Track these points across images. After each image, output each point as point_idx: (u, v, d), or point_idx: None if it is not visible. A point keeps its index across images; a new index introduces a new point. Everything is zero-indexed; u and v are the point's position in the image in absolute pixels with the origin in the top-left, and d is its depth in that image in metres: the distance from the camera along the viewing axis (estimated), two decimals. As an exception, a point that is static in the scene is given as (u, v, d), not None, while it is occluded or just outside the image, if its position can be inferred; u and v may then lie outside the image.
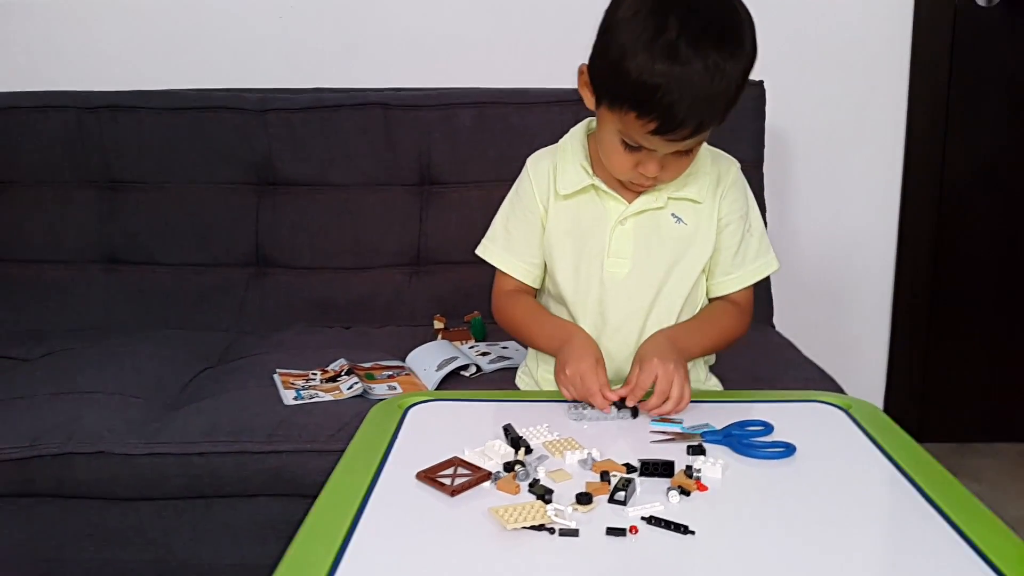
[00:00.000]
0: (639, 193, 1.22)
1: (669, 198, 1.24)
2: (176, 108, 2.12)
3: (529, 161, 1.33)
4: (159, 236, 2.11)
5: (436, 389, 1.59)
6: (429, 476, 0.95)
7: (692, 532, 0.84)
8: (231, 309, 2.06)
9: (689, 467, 0.95)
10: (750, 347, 1.74)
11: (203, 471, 1.41)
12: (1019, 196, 2.35)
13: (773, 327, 2.02)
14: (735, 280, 1.29)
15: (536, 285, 1.35)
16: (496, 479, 0.94)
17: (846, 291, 2.41)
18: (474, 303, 1.93)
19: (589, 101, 1.16)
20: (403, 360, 1.73)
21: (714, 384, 1.39)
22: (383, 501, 0.92)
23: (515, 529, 0.84)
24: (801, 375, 1.62)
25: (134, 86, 2.21)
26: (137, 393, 1.60)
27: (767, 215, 2.13)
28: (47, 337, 1.93)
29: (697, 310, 1.29)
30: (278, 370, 1.66)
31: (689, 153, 1.14)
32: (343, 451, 1.05)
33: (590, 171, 1.24)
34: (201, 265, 2.11)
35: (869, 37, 2.27)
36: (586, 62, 1.15)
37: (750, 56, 1.05)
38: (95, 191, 2.13)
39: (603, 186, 1.23)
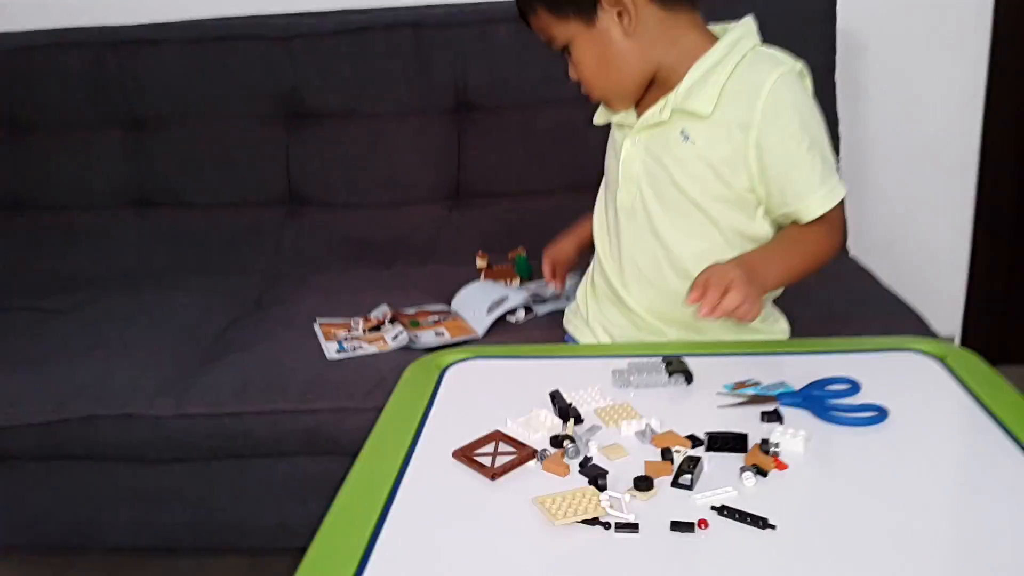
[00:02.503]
0: (643, 110, 1.13)
1: (674, 110, 1.09)
2: (197, 39, 2.00)
3: None
4: (188, 176, 2.03)
5: (484, 336, 1.48)
6: (467, 455, 0.85)
7: (772, 526, 0.71)
8: (266, 250, 1.98)
9: (765, 441, 0.83)
10: (822, 276, 1.59)
11: (235, 432, 1.34)
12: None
13: (847, 252, 1.85)
14: (816, 202, 1.08)
15: None
16: (542, 458, 0.83)
17: (924, 205, 2.21)
18: (518, 238, 1.80)
19: None
20: (448, 304, 1.62)
21: (782, 327, 1.24)
22: (417, 484, 0.82)
23: (565, 524, 0.73)
24: (882, 309, 1.46)
25: (153, 17, 2.08)
26: (168, 347, 1.53)
27: (839, 126, 1.93)
28: (79, 286, 1.87)
29: (735, 247, 1.13)
30: (318, 319, 1.57)
31: (570, 52, 1.11)
32: (379, 411, 0.95)
33: None
34: (233, 205, 2.02)
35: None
36: None
37: None
38: (120, 131, 2.04)
39: (617, 118, 1.16)
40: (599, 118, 1.22)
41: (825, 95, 1.86)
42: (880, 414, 0.88)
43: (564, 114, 1.86)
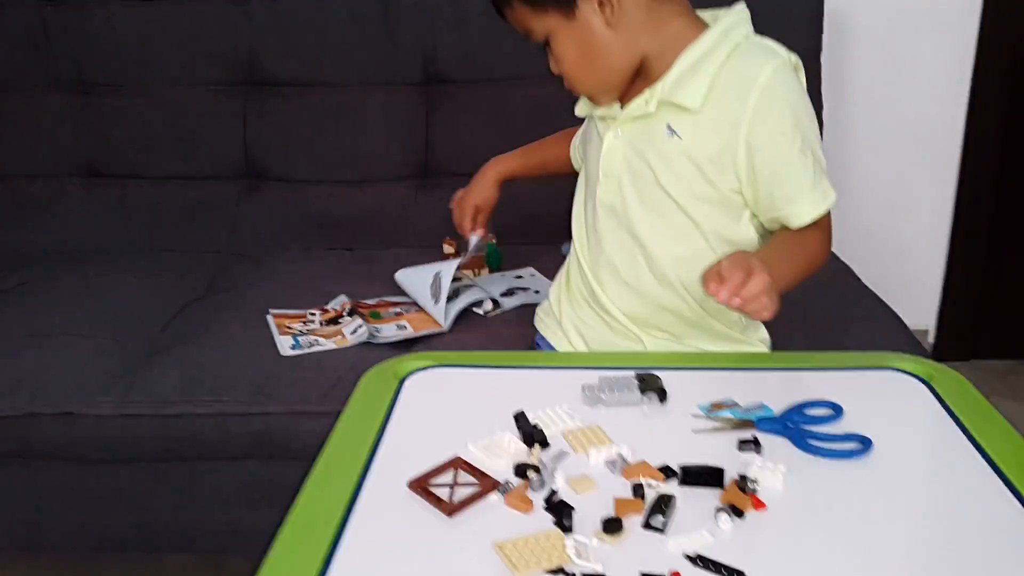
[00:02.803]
0: (628, 100, 1.05)
1: (660, 102, 1.01)
2: (149, -1, 1.87)
3: None
4: (140, 146, 1.93)
5: (449, 329, 1.42)
6: (423, 486, 0.78)
7: (750, 580, 0.66)
8: (222, 227, 1.89)
9: (743, 476, 0.77)
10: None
11: (181, 434, 1.27)
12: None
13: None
14: (806, 207, 1.01)
15: None
16: (505, 491, 0.77)
17: (904, 194, 2.17)
18: (490, 223, 1.72)
19: None
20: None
21: (761, 337, 1.19)
22: (368, 517, 0.75)
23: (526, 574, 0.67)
24: (862, 312, 1.42)
25: (100, -28, 1.95)
26: (113, 336, 1.44)
27: (822, 113, 1.87)
28: (22, 262, 1.77)
29: (718, 253, 1.05)
30: (271, 311, 1.48)
31: (550, 46, 1.04)
32: (334, 416, 0.89)
33: None
34: (188, 178, 1.93)
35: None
36: None
37: None
38: (66, 95, 1.93)
39: (600, 112, 1.09)
40: (581, 109, 1.14)
41: (811, 79, 1.79)
42: (862, 446, 0.82)
43: (540, 90, 1.77)
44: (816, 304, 1.42)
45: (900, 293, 1.75)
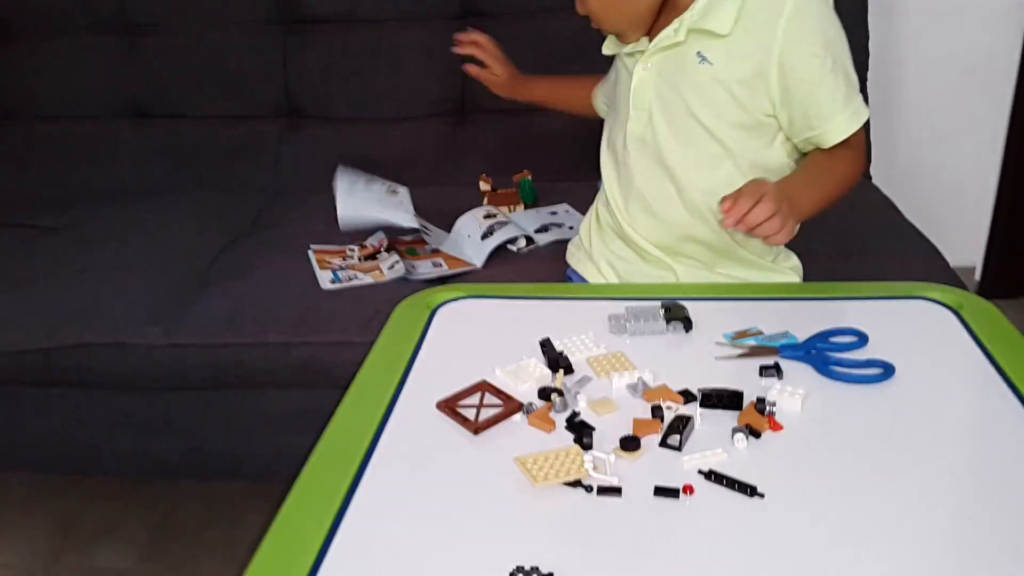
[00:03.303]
0: (655, 34, 1.05)
1: (689, 30, 1.02)
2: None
3: None
4: (184, 86, 1.96)
5: (483, 266, 1.44)
6: (451, 407, 0.82)
7: (761, 495, 0.68)
8: (265, 166, 1.92)
9: (761, 399, 0.79)
10: (840, 206, 1.53)
11: (227, 362, 1.32)
12: None
13: (869, 178, 1.76)
14: (840, 125, 1.02)
15: None
16: (528, 412, 0.80)
17: (953, 130, 2.10)
18: (524, 160, 1.73)
19: None
20: (448, 231, 1.57)
21: (793, 264, 1.19)
22: (398, 435, 0.79)
23: (546, 486, 0.70)
24: (900, 245, 1.40)
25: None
26: (161, 271, 1.50)
27: (869, 41, 1.81)
28: (72, 201, 1.83)
29: (749, 175, 1.05)
30: (312, 247, 1.52)
31: None
32: (370, 347, 0.93)
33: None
34: (230, 117, 1.96)
35: None
36: None
37: None
38: (111, 38, 1.96)
39: (628, 49, 1.09)
40: (608, 47, 1.14)
41: (857, 7, 1.74)
42: (885, 371, 0.83)
43: (578, 21, 1.74)
44: (851, 237, 1.41)
45: (947, 229, 1.71)
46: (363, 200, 1.45)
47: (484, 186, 1.71)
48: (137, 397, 1.40)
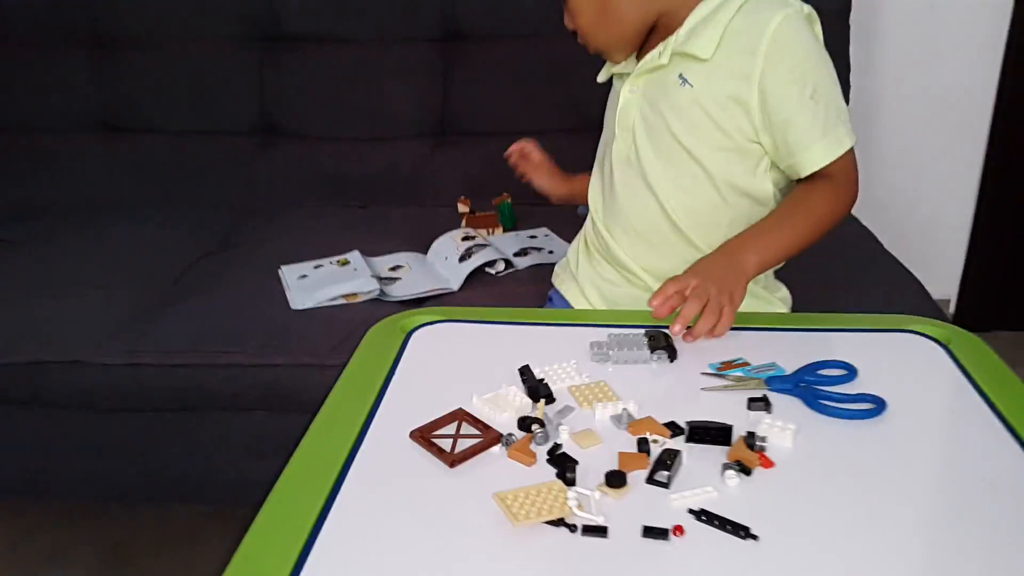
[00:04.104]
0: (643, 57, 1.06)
1: (673, 53, 1.02)
2: (166, -50, 1.85)
3: None
4: (156, 100, 1.91)
5: (460, 289, 1.40)
6: (426, 437, 0.77)
7: (755, 536, 0.65)
8: (236, 183, 1.88)
9: (751, 434, 0.75)
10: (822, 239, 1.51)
11: (188, 384, 1.27)
12: None
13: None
14: (818, 153, 1.01)
15: None
16: (508, 443, 0.76)
17: (931, 162, 2.11)
18: (504, 183, 1.69)
19: None
20: (424, 253, 1.53)
21: (782, 296, 1.17)
22: (369, 465, 0.75)
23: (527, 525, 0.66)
24: (882, 277, 1.39)
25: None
26: (124, 287, 1.44)
27: (850, 74, 1.82)
28: (39, 213, 1.78)
29: (730, 204, 1.06)
30: (283, 266, 1.48)
31: (566, 1, 1.06)
32: (343, 369, 0.89)
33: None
34: (203, 132, 1.91)
35: None
36: None
37: None
38: (84, 50, 1.92)
39: (617, 69, 1.11)
40: (603, 75, 1.16)
41: (839, 39, 1.75)
42: (876, 407, 0.80)
43: (561, 47, 1.70)
44: (836, 268, 1.39)
45: (923, 261, 1.71)
46: (314, 285, 1.39)
47: (463, 208, 1.67)
48: (93, 418, 1.34)
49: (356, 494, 0.71)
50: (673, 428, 0.78)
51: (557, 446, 0.76)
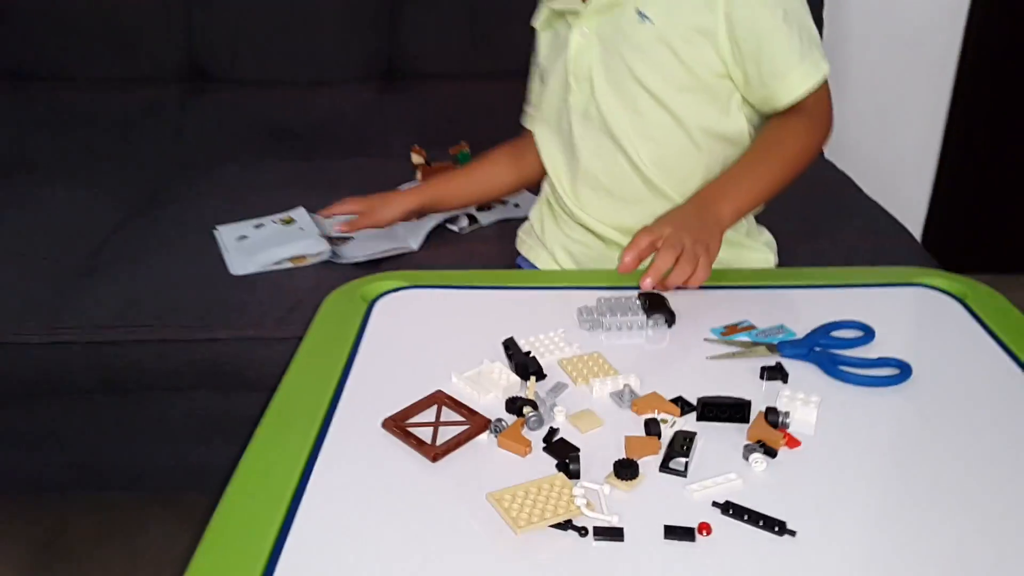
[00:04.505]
0: None
1: None
2: None
3: None
4: (71, 45, 1.72)
5: (420, 248, 1.28)
6: (401, 426, 0.67)
7: (791, 532, 0.56)
8: (163, 136, 1.71)
9: (772, 409, 0.67)
10: (800, 184, 1.43)
11: (118, 363, 1.13)
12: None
13: (822, 154, 1.68)
14: (796, 80, 0.93)
15: None
16: (497, 430, 0.66)
17: (896, 103, 2.05)
18: (460, 131, 1.58)
19: None
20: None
21: (766, 240, 1.09)
22: (336, 465, 0.64)
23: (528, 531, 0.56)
24: (870, 226, 1.32)
25: None
26: (42, 256, 1.28)
27: (822, 11, 1.73)
28: (-62, 176, 1.58)
29: (704, 149, 0.98)
30: (218, 227, 1.33)
31: None
32: (293, 342, 0.78)
33: None
34: (125, 80, 1.74)
35: None
36: None
37: None
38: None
39: (559, 4, 1.00)
40: (541, 19, 1.05)
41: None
42: (901, 372, 0.73)
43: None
44: (818, 215, 1.32)
45: (889, 202, 1.66)
46: (256, 247, 1.25)
47: (417, 159, 1.55)
48: (14, 405, 1.19)
49: (322, 501, 0.60)
50: (682, 405, 0.69)
51: (553, 431, 0.66)
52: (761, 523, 0.57)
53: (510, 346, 0.76)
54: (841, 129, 1.93)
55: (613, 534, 0.56)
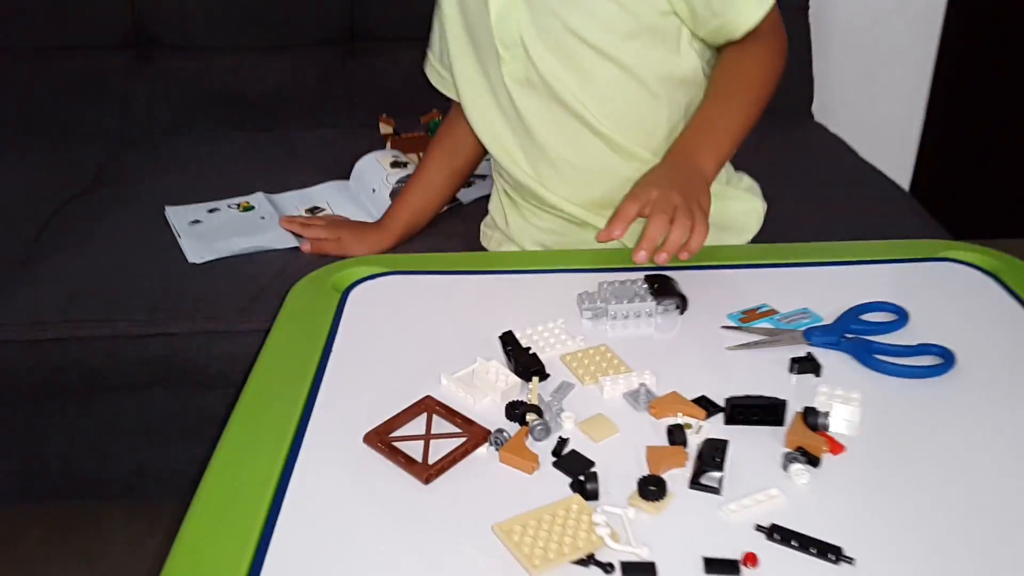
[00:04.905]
0: None
1: None
2: None
3: None
4: (3, 9, 1.58)
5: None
6: (386, 440, 0.58)
7: (848, 559, 0.48)
8: (109, 107, 1.59)
9: (812, 410, 0.59)
10: (791, 148, 1.36)
11: (63, 362, 1.02)
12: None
13: (812, 117, 1.61)
14: (750, 6, 0.84)
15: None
16: (498, 443, 0.57)
17: (882, 65, 1.98)
18: (433, 97, 1.46)
19: None
20: (347, 179, 1.30)
21: (748, 186, 1.01)
22: (311, 488, 0.55)
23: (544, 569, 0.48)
24: (873, 195, 1.24)
25: None
26: (-28, 242, 1.16)
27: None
28: None
29: (661, 97, 0.90)
30: (168, 207, 1.22)
31: None
32: (258, 336, 0.69)
33: None
34: (65, 48, 1.61)
35: None
36: None
37: None
38: None
39: None
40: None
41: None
42: (945, 361, 0.65)
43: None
44: (815, 181, 1.24)
45: (873, 162, 1.62)
46: (212, 234, 1.15)
47: (385, 128, 1.44)
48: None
49: (296, 531, 0.51)
50: (706, 406, 0.61)
51: (562, 441, 0.57)
52: (814, 550, 0.49)
53: (508, 341, 0.67)
54: (826, 90, 1.88)
55: (645, 571, 0.48)
